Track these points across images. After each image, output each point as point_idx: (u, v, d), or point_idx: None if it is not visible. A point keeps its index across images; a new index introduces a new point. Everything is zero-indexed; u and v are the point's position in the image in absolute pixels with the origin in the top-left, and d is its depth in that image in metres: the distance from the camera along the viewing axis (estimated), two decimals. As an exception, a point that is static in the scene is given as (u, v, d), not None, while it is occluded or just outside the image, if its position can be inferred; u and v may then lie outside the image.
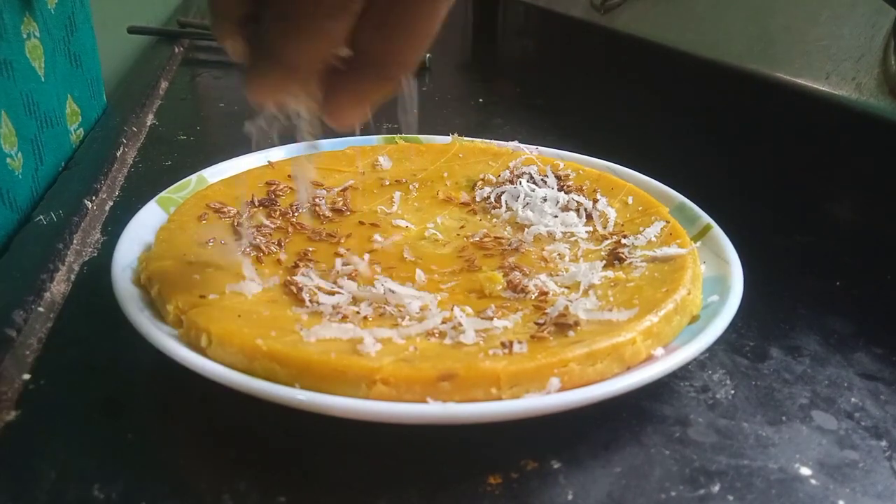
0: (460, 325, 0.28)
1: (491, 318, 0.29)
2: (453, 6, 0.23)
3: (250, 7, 0.22)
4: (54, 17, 0.51)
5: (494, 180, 0.44)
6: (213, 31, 0.24)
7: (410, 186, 0.44)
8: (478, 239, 0.38)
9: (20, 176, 0.43)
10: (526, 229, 0.39)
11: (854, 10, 0.46)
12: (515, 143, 0.47)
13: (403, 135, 0.49)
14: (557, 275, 0.34)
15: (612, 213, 0.39)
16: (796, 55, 0.49)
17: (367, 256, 0.34)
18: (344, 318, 0.29)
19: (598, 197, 0.41)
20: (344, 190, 0.42)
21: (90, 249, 0.39)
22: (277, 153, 0.46)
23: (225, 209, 0.38)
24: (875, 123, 0.42)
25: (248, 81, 0.23)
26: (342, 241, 0.37)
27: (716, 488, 0.25)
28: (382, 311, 0.30)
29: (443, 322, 0.29)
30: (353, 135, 0.41)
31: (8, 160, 0.41)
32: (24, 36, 0.46)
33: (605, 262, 0.35)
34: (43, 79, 0.48)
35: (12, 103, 0.43)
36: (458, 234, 0.39)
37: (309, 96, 0.24)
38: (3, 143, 0.41)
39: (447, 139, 0.49)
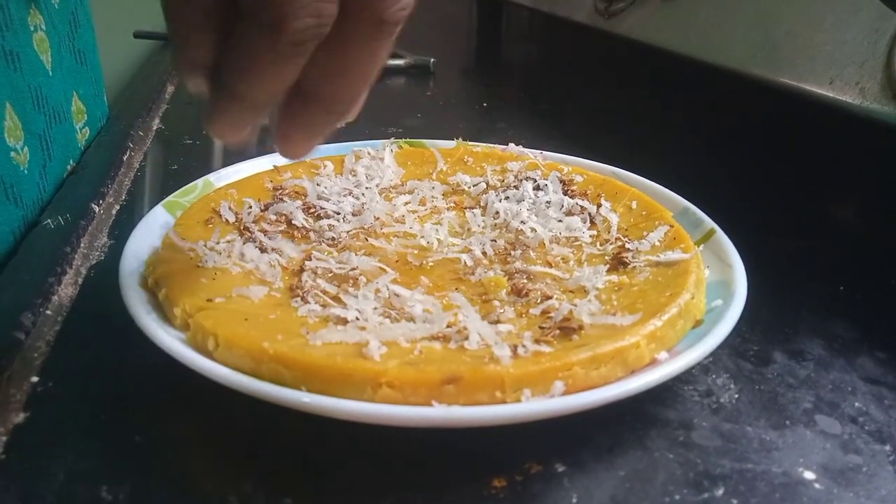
0: (465, 328, 0.28)
1: (495, 322, 0.29)
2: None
3: (214, 53, 0.24)
4: (59, 12, 0.50)
5: (499, 185, 0.44)
6: (177, 69, 0.26)
7: (415, 190, 0.44)
8: (482, 243, 0.38)
9: (26, 171, 0.41)
10: (530, 234, 0.39)
11: (857, 15, 0.46)
12: (520, 148, 0.47)
13: (401, 139, 0.50)
14: (561, 279, 0.34)
15: (615, 218, 0.39)
16: (800, 60, 0.49)
17: (372, 260, 0.34)
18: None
19: (602, 201, 0.41)
20: (349, 194, 0.42)
21: (97, 253, 0.39)
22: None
23: (231, 213, 0.38)
24: (878, 128, 0.42)
25: (210, 116, 0.25)
26: (347, 245, 0.37)
27: (719, 492, 0.25)
28: (387, 315, 0.30)
29: (447, 326, 0.29)
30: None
31: (13, 154, 0.40)
32: (32, 28, 0.45)
33: (608, 266, 0.35)
34: (51, 73, 0.47)
35: (19, 96, 0.42)
36: (463, 239, 0.39)
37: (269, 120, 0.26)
38: (7, 136, 0.39)
39: (452, 143, 0.49)
